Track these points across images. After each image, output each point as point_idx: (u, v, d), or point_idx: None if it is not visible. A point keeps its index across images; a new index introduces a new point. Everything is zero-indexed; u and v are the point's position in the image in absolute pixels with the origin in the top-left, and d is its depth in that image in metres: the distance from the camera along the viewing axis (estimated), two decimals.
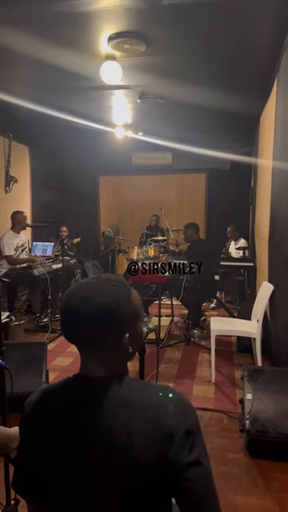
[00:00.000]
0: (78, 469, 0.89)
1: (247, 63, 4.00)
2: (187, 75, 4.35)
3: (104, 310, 0.93)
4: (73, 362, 3.98)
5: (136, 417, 0.88)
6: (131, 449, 0.85)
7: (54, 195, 7.88)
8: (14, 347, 3.09)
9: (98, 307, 0.93)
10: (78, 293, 0.97)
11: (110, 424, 0.88)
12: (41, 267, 5.01)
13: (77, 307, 0.94)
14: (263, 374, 2.69)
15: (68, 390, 0.98)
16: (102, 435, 0.88)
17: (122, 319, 0.96)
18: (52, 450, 0.92)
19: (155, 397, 0.92)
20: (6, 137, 5.97)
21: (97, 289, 0.96)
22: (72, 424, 0.91)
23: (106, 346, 0.96)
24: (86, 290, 0.97)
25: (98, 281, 1.00)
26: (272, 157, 3.99)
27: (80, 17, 3.07)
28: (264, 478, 2.30)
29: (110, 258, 7.64)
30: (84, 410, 0.92)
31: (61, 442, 0.91)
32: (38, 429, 0.95)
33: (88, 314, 0.93)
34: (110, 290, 0.96)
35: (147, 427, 0.87)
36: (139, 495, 0.86)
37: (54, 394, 0.99)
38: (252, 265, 5.75)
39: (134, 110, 5.87)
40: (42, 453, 0.93)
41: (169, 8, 2.94)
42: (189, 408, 0.92)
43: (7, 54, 3.74)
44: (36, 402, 0.99)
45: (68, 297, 0.98)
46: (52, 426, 0.93)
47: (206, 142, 7.52)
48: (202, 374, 3.73)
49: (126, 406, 0.90)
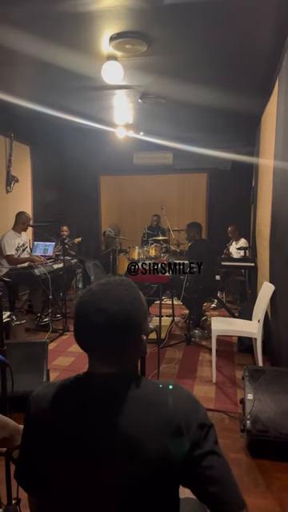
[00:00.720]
0: (85, 464, 0.89)
1: (248, 63, 4.00)
2: (188, 75, 4.35)
3: (123, 318, 0.93)
4: (74, 362, 3.99)
5: (147, 415, 0.89)
6: (142, 446, 0.86)
7: (55, 195, 7.89)
8: (14, 347, 3.10)
9: (117, 317, 0.92)
10: (94, 303, 0.95)
11: (122, 422, 0.88)
12: (42, 267, 5.01)
13: (95, 320, 0.92)
14: (264, 374, 2.69)
15: (79, 387, 0.98)
16: (112, 433, 0.88)
17: (140, 324, 0.97)
18: (58, 446, 0.92)
19: (164, 394, 0.93)
20: (7, 136, 5.97)
21: (112, 298, 0.95)
22: (81, 421, 0.91)
23: (125, 351, 0.97)
24: (101, 299, 0.95)
25: (111, 287, 0.97)
26: (273, 156, 3.99)
27: (81, 17, 3.08)
28: (265, 478, 2.30)
29: (110, 257, 7.64)
30: (95, 408, 0.92)
31: (69, 439, 0.91)
32: (44, 424, 0.95)
33: (108, 325, 0.92)
34: (126, 297, 0.96)
35: (159, 424, 0.87)
36: (146, 491, 0.87)
37: (64, 391, 0.98)
38: (253, 265, 5.75)
39: (136, 110, 5.87)
40: (48, 447, 0.93)
41: (170, 8, 2.94)
42: (197, 403, 0.94)
43: (9, 54, 3.75)
44: (45, 397, 0.98)
45: (83, 308, 0.96)
46: (60, 423, 0.93)
47: (207, 141, 7.52)
48: (202, 374, 3.73)
49: (137, 405, 0.90)
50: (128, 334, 0.94)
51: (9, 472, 1.79)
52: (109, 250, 7.84)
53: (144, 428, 0.87)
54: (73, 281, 7.04)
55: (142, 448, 0.85)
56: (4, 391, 1.86)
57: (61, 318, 5.30)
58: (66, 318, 5.07)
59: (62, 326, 4.95)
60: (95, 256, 8.15)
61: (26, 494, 2.09)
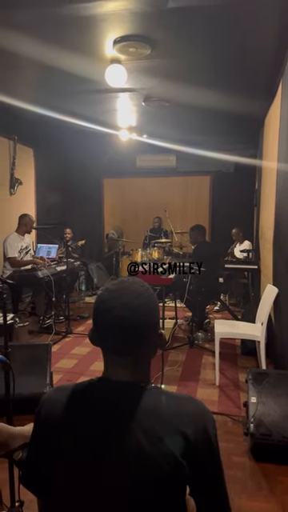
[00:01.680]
0: (93, 469, 0.89)
1: (252, 66, 4.01)
2: (192, 78, 4.36)
3: (146, 311, 0.95)
4: (77, 364, 3.98)
5: (157, 424, 0.88)
6: (152, 455, 0.86)
7: (58, 197, 7.91)
8: (18, 349, 3.09)
9: (141, 310, 0.94)
10: (116, 299, 0.95)
11: (133, 431, 0.88)
12: (45, 269, 5.02)
13: (121, 314, 0.93)
14: (268, 377, 2.68)
15: (92, 393, 0.97)
16: (123, 442, 0.88)
17: (158, 317, 1.00)
18: (68, 451, 0.92)
19: (177, 406, 0.93)
20: (11, 139, 6.00)
21: (132, 293, 0.96)
22: (94, 428, 0.91)
23: (146, 346, 0.97)
24: (121, 295, 0.96)
25: (127, 284, 0.99)
26: (277, 159, 3.99)
27: (85, 20, 3.09)
28: (268, 481, 2.29)
29: (113, 260, 7.64)
30: (108, 416, 0.91)
31: (79, 444, 0.91)
32: (56, 427, 0.95)
33: (133, 318, 0.93)
34: (144, 291, 0.98)
35: (168, 436, 0.87)
36: (153, 499, 0.87)
37: (77, 397, 0.97)
38: (256, 267, 5.74)
39: (139, 113, 5.89)
40: (57, 452, 0.93)
41: (173, 11, 2.95)
42: (208, 417, 0.94)
43: (13, 57, 3.77)
44: (57, 401, 0.98)
45: (104, 305, 0.96)
46: (72, 428, 0.93)
47: (211, 144, 7.53)
48: (206, 377, 3.72)
49: (148, 414, 0.90)
50: (150, 327, 0.96)
51: (12, 474, 1.79)
52: (112, 252, 7.85)
53: (155, 438, 0.87)
54: (76, 283, 7.06)
55: (152, 457, 0.86)
56: (7, 393, 1.86)
57: (64, 320, 5.31)
58: (69, 321, 5.08)
59: (65, 328, 4.96)
60: (98, 258, 8.16)
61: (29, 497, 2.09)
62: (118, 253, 7.63)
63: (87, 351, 4.33)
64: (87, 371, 3.81)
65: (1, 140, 5.82)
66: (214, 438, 0.91)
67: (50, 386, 3.02)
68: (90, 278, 7.48)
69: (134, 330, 0.93)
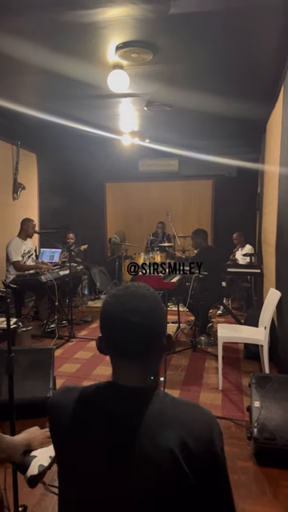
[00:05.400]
0: (100, 474, 0.90)
1: (253, 71, 4.02)
2: (194, 83, 4.38)
3: (153, 315, 0.96)
4: (80, 369, 3.98)
5: (164, 431, 0.88)
6: (158, 462, 0.85)
7: (61, 202, 7.94)
8: (21, 353, 3.10)
9: (148, 314, 0.95)
10: (123, 304, 0.95)
11: (138, 436, 0.88)
12: (48, 273, 5.03)
13: (128, 319, 0.93)
14: (271, 382, 2.68)
15: (100, 397, 0.97)
16: (127, 447, 0.88)
17: (165, 320, 1.01)
18: (75, 456, 0.93)
19: (185, 414, 0.93)
20: (14, 144, 6.03)
21: (138, 297, 0.97)
22: (100, 433, 0.91)
23: (155, 350, 0.98)
24: (128, 300, 0.96)
25: (133, 289, 0.99)
26: (279, 163, 4.00)
27: (88, 27, 3.12)
28: (272, 486, 2.28)
29: (116, 264, 7.65)
30: (114, 419, 0.91)
31: (85, 449, 0.91)
32: (64, 430, 0.96)
33: (141, 323, 0.93)
34: (150, 295, 0.98)
35: (174, 444, 0.86)
36: (160, 506, 0.86)
37: (85, 400, 0.97)
38: (259, 271, 5.73)
39: (141, 118, 5.91)
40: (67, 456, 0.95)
41: (175, 17, 2.97)
42: (215, 429, 0.92)
43: (16, 63, 3.80)
44: (66, 404, 0.98)
45: (112, 310, 0.96)
46: (78, 432, 0.93)
47: (213, 148, 7.55)
48: (209, 381, 3.71)
49: (156, 420, 0.89)
50: (159, 331, 0.97)
51: (16, 480, 1.79)
52: (114, 256, 7.86)
53: (161, 444, 0.86)
54: (79, 287, 7.07)
55: (157, 464, 0.85)
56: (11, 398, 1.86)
57: (67, 325, 5.31)
58: (72, 325, 5.08)
59: (68, 333, 4.96)
60: (101, 263, 8.17)
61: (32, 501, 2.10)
62: (120, 257, 7.64)
63: (90, 355, 4.33)
64: (90, 375, 3.81)
65: (4, 145, 5.86)
66: (220, 450, 0.90)
67: (53, 391, 3.02)
68: (92, 283, 7.49)
69: (144, 334, 0.93)
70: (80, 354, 4.39)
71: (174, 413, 0.92)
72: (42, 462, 1.22)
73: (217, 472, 0.89)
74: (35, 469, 1.21)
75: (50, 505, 2.07)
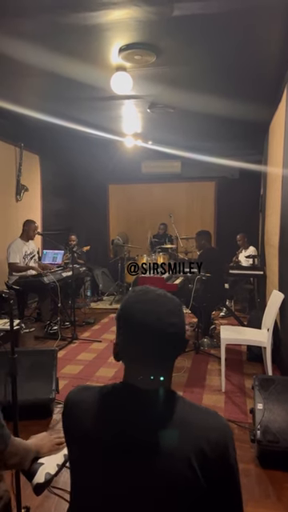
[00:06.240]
0: (115, 473, 0.90)
1: (256, 72, 4.03)
2: (197, 84, 4.39)
3: (179, 321, 0.97)
4: (82, 370, 3.98)
5: (180, 436, 0.88)
6: (173, 465, 0.86)
7: (64, 203, 7.95)
8: (24, 354, 3.10)
9: (171, 321, 0.94)
10: (141, 306, 0.96)
11: (157, 439, 0.88)
12: (51, 275, 5.04)
13: (146, 322, 0.93)
14: (274, 384, 2.66)
15: (117, 399, 0.97)
16: (144, 450, 0.88)
17: (184, 324, 1.01)
18: (90, 456, 0.93)
19: (201, 420, 0.93)
20: (17, 146, 6.05)
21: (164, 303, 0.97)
22: (116, 433, 0.91)
23: (175, 354, 0.98)
24: (146, 302, 0.96)
25: (155, 294, 0.99)
26: (282, 165, 3.99)
27: (92, 29, 3.13)
28: (275, 488, 2.27)
29: (119, 265, 7.65)
30: (134, 422, 0.91)
31: (100, 450, 0.92)
32: (80, 429, 0.96)
33: (159, 325, 0.93)
34: (172, 301, 0.99)
35: (188, 448, 0.87)
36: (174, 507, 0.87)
37: (106, 400, 0.98)
38: (262, 273, 5.72)
39: (144, 120, 5.92)
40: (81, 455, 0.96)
41: (178, 19, 2.98)
42: (230, 436, 0.93)
43: (19, 65, 3.82)
44: (81, 402, 0.99)
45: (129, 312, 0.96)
46: (94, 432, 0.94)
47: (216, 150, 7.55)
48: (211, 383, 3.70)
49: (174, 424, 0.90)
50: (180, 336, 0.97)
51: (18, 481, 1.79)
52: (117, 258, 7.86)
53: (177, 449, 0.87)
54: (81, 289, 7.07)
55: (172, 468, 0.86)
56: (14, 399, 1.87)
57: (70, 326, 5.32)
58: (75, 326, 5.08)
59: (71, 334, 4.96)
60: (104, 264, 8.18)
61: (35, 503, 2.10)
62: (123, 258, 7.63)
63: (93, 357, 4.32)
64: (93, 377, 3.81)
65: (7, 147, 5.88)
66: (233, 458, 0.91)
67: (55, 392, 3.02)
68: (95, 284, 7.49)
69: (172, 338, 0.94)
70: (83, 356, 4.39)
71: (191, 419, 0.92)
72: (48, 470, 1.22)
73: (229, 479, 0.90)
74: (42, 477, 1.20)
75: (53, 506, 2.07)
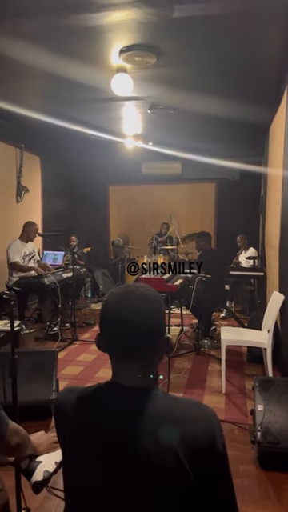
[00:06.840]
0: (103, 474, 0.90)
1: (257, 74, 4.03)
2: (197, 86, 4.40)
3: (154, 315, 0.95)
4: (83, 371, 3.98)
5: (165, 430, 0.88)
6: (161, 461, 0.85)
7: (64, 204, 7.96)
8: (24, 355, 3.10)
9: (149, 313, 0.94)
10: (123, 303, 0.95)
11: (142, 437, 0.88)
12: (51, 276, 5.04)
13: (129, 318, 0.92)
14: (274, 385, 2.66)
15: (101, 397, 0.97)
16: (131, 448, 0.88)
17: (164, 321, 1.00)
18: (77, 457, 0.94)
19: (185, 411, 0.92)
20: (18, 147, 6.06)
21: (138, 296, 0.96)
22: (102, 433, 0.91)
23: (153, 350, 0.97)
24: (129, 299, 0.95)
25: (133, 288, 0.99)
26: (282, 166, 4.00)
27: (92, 30, 3.14)
28: (276, 490, 2.27)
29: (119, 266, 7.65)
30: (115, 419, 0.91)
31: (87, 450, 0.92)
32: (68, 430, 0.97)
33: (142, 322, 0.92)
34: (150, 295, 0.98)
35: (175, 441, 0.86)
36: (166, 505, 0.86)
37: (87, 400, 0.98)
38: (262, 274, 5.72)
39: (145, 121, 5.93)
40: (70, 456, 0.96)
41: (179, 21, 2.98)
42: (216, 425, 0.92)
43: (20, 66, 3.82)
44: (66, 403, 1.00)
45: (111, 308, 0.96)
46: (80, 433, 0.94)
47: (216, 151, 7.56)
48: (212, 384, 3.70)
49: (156, 419, 0.89)
50: (157, 331, 0.96)
51: (19, 482, 1.79)
52: (117, 259, 7.87)
53: (162, 443, 0.86)
54: (82, 290, 7.07)
55: (158, 462, 0.85)
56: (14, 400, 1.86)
57: (70, 327, 5.32)
58: (75, 327, 5.08)
59: (71, 335, 4.96)
60: (104, 265, 8.18)
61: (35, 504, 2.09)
62: (123, 259, 7.64)
63: (93, 358, 4.32)
64: (93, 378, 3.81)
65: (8, 148, 5.88)
66: (221, 447, 0.89)
67: (55, 393, 3.02)
68: (95, 285, 7.49)
69: (142, 332, 0.93)
70: (83, 357, 4.39)
71: (174, 411, 0.91)
72: (47, 468, 1.22)
73: (219, 469, 0.89)
74: (40, 474, 1.21)
75: (53, 507, 2.06)
